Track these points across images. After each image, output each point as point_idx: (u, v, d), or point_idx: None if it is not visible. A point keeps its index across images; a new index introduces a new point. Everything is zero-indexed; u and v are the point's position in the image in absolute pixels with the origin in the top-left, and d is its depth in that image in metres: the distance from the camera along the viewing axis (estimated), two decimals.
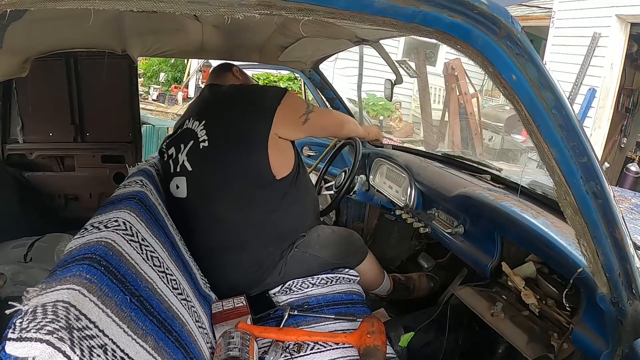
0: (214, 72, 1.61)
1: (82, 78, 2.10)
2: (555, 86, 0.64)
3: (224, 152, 1.32)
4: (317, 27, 1.43)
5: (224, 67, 1.60)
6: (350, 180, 1.77)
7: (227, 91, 1.44)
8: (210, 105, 1.44)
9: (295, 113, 1.37)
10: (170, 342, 0.86)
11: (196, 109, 1.45)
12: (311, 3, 0.55)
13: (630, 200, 2.03)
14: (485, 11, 0.59)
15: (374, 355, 1.11)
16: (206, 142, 1.32)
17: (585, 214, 0.72)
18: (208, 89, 1.52)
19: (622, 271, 0.75)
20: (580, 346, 0.95)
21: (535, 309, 1.12)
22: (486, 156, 5.34)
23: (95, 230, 0.90)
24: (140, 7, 0.51)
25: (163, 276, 0.97)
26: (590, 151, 0.68)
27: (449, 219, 1.50)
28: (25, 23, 0.83)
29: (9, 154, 2.12)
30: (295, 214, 1.42)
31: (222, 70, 1.59)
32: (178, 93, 8.32)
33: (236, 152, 1.32)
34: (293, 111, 1.36)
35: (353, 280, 1.48)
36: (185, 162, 1.35)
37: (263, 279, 1.38)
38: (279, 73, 8.43)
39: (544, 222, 1.08)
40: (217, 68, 1.62)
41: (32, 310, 0.63)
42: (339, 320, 1.27)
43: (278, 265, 1.38)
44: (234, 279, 1.35)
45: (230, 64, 1.61)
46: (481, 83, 7.43)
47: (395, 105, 8.48)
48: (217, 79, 1.55)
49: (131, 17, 1.30)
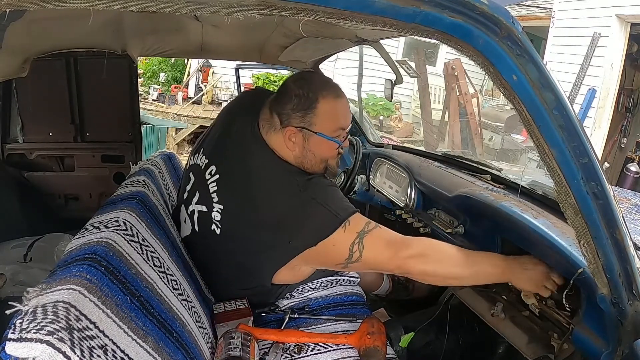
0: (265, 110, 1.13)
1: (82, 78, 2.10)
2: (555, 86, 0.64)
3: (231, 249, 1.14)
4: (317, 27, 1.42)
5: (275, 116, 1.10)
6: (351, 180, 1.77)
7: (266, 174, 1.09)
8: (237, 180, 1.11)
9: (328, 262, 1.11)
10: (170, 343, 0.86)
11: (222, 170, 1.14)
12: (311, 3, 0.55)
13: (630, 201, 2.03)
14: (486, 11, 0.59)
15: (374, 356, 1.11)
16: (219, 229, 1.12)
17: (585, 214, 0.72)
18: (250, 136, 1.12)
19: (622, 272, 0.75)
20: (581, 346, 0.95)
21: (536, 309, 1.12)
22: (486, 156, 5.34)
23: (95, 230, 0.90)
24: (140, 7, 0.51)
25: (163, 276, 0.97)
26: (591, 152, 0.68)
27: (449, 219, 1.49)
28: (25, 23, 0.83)
29: (9, 154, 2.12)
30: None
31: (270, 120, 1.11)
32: (178, 93, 8.32)
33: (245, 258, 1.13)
34: (326, 260, 1.09)
35: (353, 282, 1.47)
36: (194, 217, 1.19)
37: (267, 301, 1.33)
38: (279, 73, 8.42)
39: (544, 222, 1.08)
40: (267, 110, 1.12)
41: (32, 311, 0.63)
42: (339, 321, 1.27)
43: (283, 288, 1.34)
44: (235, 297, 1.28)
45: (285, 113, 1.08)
46: (481, 83, 7.42)
47: (395, 105, 8.48)
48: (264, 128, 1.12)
49: (131, 17, 1.30)
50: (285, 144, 1.09)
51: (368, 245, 1.03)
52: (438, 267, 1.08)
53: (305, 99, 1.06)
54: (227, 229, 1.13)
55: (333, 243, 1.03)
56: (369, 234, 1.04)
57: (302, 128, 1.06)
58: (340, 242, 1.03)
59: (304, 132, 1.07)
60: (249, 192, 1.09)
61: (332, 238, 1.03)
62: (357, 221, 1.05)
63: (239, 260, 1.17)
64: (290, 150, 1.09)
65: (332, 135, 1.09)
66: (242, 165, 1.12)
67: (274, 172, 1.09)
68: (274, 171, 1.09)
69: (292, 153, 1.10)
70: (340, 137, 1.12)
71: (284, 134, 1.08)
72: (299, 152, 1.09)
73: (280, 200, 1.06)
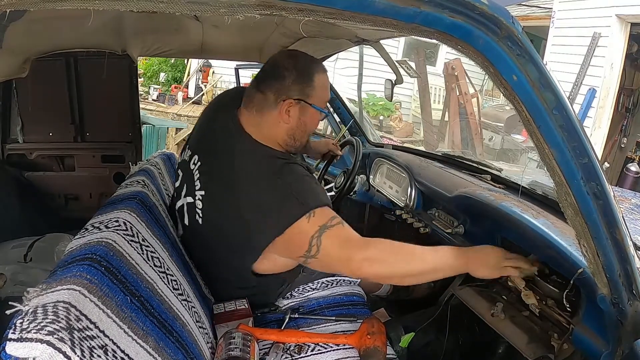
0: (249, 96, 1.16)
1: (82, 78, 2.10)
2: (556, 86, 0.64)
3: (213, 238, 1.17)
4: (317, 27, 1.42)
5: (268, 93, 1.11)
6: (351, 180, 1.77)
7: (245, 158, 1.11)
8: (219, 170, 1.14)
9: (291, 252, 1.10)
10: (170, 343, 0.86)
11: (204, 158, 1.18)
12: (311, 3, 0.55)
13: (630, 201, 2.03)
14: (486, 11, 0.59)
15: (374, 356, 1.11)
16: (200, 218, 1.17)
17: (585, 214, 0.72)
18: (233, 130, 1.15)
19: (622, 272, 0.75)
20: (581, 346, 0.95)
21: (536, 310, 1.12)
22: (486, 156, 5.34)
23: (95, 230, 0.90)
24: (140, 7, 0.51)
25: (164, 277, 0.97)
26: (591, 152, 0.68)
27: (449, 219, 1.50)
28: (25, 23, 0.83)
29: (9, 154, 2.12)
30: None
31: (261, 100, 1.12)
32: (178, 93, 8.32)
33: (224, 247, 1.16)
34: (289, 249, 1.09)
35: (354, 282, 1.47)
36: (184, 211, 1.23)
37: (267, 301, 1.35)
38: None
39: (544, 222, 1.08)
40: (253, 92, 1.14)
41: (33, 311, 0.63)
42: (339, 321, 1.27)
43: (282, 288, 1.35)
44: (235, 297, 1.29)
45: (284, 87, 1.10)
46: (481, 83, 7.43)
47: (395, 105, 8.49)
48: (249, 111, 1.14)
49: (131, 17, 1.30)
50: (280, 118, 1.11)
51: (325, 243, 1.02)
52: (394, 268, 1.07)
53: (304, 72, 1.10)
54: (208, 217, 1.15)
55: (298, 232, 1.03)
56: (329, 230, 1.03)
57: (299, 100, 1.10)
58: (303, 232, 1.03)
59: (301, 104, 1.11)
60: (227, 176, 1.11)
61: (297, 226, 1.03)
62: (323, 214, 1.05)
63: (221, 251, 1.18)
64: (286, 123, 1.12)
65: (323, 107, 1.16)
66: (222, 150, 1.16)
67: (252, 156, 1.12)
68: (253, 155, 1.12)
69: (287, 126, 1.12)
70: (325, 109, 1.20)
71: (280, 108, 1.10)
72: (293, 123, 1.12)
73: (256, 184, 1.08)
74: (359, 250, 1.04)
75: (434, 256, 1.08)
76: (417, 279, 1.14)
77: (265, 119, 1.13)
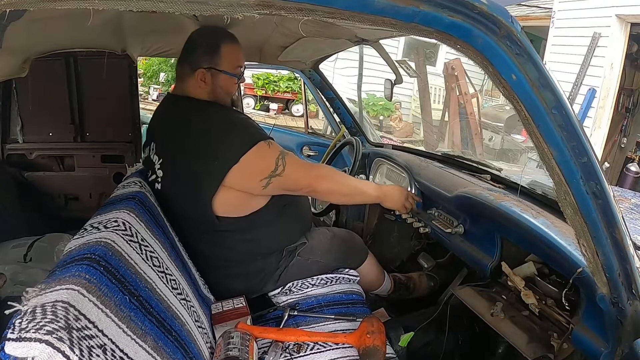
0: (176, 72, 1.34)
1: (82, 78, 2.10)
2: (555, 86, 0.64)
3: (174, 196, 1.26)
4: (317, 27, 1.42)
5: (185, 65, 1.28)
6: None
7: (184, 118, 1.24)
8: (167, 134, 1.29)
9: (253, 175, 1.20)
10: (169, 342, 0.86)
11: (156, 134, 1.34)
12: (311, 3, 0.55)
13: (630, 200, 2.03)
14: (485, 11, 0.59)
15: (374, 355, 1.11)
16: (160, 183, 1.27)
17: (585, 214, 0.72)
18: (170, 102, 1.36)
19: (622, 271, 0.75)
20: (580, 346, 0.95)
21: (535, 309, 1.12)
22: (486, 156, 5.33)
23: (94, 230, 0.90)
24: (139, 7, 0.51)
25: (162, 276, 0.97)
26: (590, 151, 0.68)
27: (449, 219, 1.50)
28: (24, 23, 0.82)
29: (8, 154, 2.12)
30: (277, 232, 1.36)
31: (182, 71, 1.30)
32: None
33: (184, 197, 1.24)
34: (251, 172, 1.19)
35: (353, 280, 1.47)
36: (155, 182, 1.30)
37: (263, 286, 1.38)
38: (279, 73, 8.43)
39: (544, 222, 1.08)
40: (178, 66, 1.33)
41: (32, 311, 0.63)
42: (338, 320, 1.27)
43: (278, 272, 1.38)
44: (233, 287, 1.34)
45: (195, 60, 1.26)
46: (481, 83, 7.42)
47: (395, 105, 8.49)
48: (178, 83, 1.33)
49: (131, 17, 1.30)
50: (197, 85, 1.27)
51: (289, 162, 1.22)
52: (338, 185, 1.34)
53: (211, 44, 1.26)
54: (166, 176, 1.26)
55: (260, 156, 1.19)
56: (288, 155, 1.23)
57: (210, 68, 1.25)
58: (268, 155, 1.20)
59: (212, 72, 1.26)
60: (176, 130, 1.26)
61: (256, 152, 1.17)
62: (275, 144, 1.24)
63: (183, 207, 1.26)
64: (202, 88, 1.27)
65: (233, 72, 1.30)
66: (169, 120, 1.32)
67: (197, 107, 1.26)
68: (197, 106, 1.26)
69: (204, 90, 1.28)
70: (239, 73, 1.33)
71: (195, 77, 1.26)
72: (210, 89, 1.28)
73: (204, 125, 1.22)
74: (314, 169, 1.35)
75: (362, 183, 1.50)
76: (348, 199, 1.44)
77: (187, 84, 1.29)
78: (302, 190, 1.30)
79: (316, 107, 5.73)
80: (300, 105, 7.25)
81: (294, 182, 1.25)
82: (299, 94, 8.23)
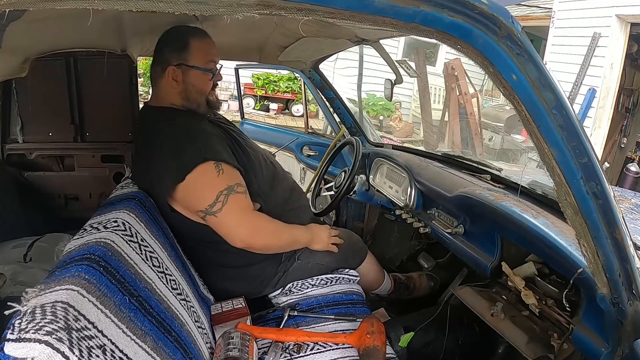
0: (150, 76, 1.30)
1: (82, 78, 2.09)
2: (555, 86, 0.64)
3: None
4: (317, 27, 1.42)
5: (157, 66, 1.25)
6: (350, 180, 1.77)
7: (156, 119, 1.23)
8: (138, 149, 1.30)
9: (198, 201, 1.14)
10: (169, 342, 0.86)
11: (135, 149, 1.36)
12: (311, 3, 0.55)
13: (630, 200, 2.03)
14: (485, 11, 0.59)
15: (374, 356, 1.11)
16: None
17: (585, 214, 0.71)
18: (141, 115, 1.36)
19: (622, 271, 0.75)
20: (580, 346, 0.95)
21: (535, 309, 1.12)
22: (486, 156, 5.33)
23: (94, 230, 0.90)
24: (139, 7, 0.51)
25: (162, 276, 0.97)
26: (591, 151, 0.68)
27: (449, 219, 1.50)
28: (24, 23, 0.82)
29: (8, 154, 2.11)
30: None
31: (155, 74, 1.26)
32: None
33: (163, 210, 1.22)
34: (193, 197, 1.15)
35: (353, 280, 1.47)
36: None
37: (262, 289, 1.38)
38: (279, 73, 8.43)
39: (544, 222, 1.08)
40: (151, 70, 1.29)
41: (31, 311, 0.63)
42: (338, 320, 1.27)
43: (277, 277, 1.37)
44: (231, 289, 1.33)
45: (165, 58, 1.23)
46: (481, 83, 7.42)
47: (395, 105, 8.48)
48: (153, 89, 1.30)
49: (130, 16, 1.30)
50: (170, 86, 1.23)
51: (231, 203, 1.12)
52: (271, 240, 1.26)
53: (179, 40, 1.23)
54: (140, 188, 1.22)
55: (202, 182, 1.12)
56: (236, 194, 1.14)
57: (180, 64, 1.22)
58: (211, 184, 1.12)
59: (182, 68, 1.22)
60: (143, 145, 1.24)
61: (201, 174, 1.10)
62: (231, 175, 1.15)
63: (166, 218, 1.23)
64: (174, 88, 1.23)
65: (206, 67, 1.24)
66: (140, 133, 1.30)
67: (161, 115, 1.23)
68: (162, 114, 1.24)
69: (176, 90, 1.24)
70: (212, 69, 1.27)
71: (166, 77, 1.23)
72: (182, 87, 1.23)
73: (161, 136, 1.18)
74: (252, 220, 1.20)
75: (294, 231, 1.34)
76: (281, 249, 1.34)
77: (159, 87, 1.26)
78: (236, 244, 1.17)
79: (316, 107, 5.72)
80: (300, 105, 7.24)
81: (225, 226, 1.15)
82: (299, 94, 8.23)
